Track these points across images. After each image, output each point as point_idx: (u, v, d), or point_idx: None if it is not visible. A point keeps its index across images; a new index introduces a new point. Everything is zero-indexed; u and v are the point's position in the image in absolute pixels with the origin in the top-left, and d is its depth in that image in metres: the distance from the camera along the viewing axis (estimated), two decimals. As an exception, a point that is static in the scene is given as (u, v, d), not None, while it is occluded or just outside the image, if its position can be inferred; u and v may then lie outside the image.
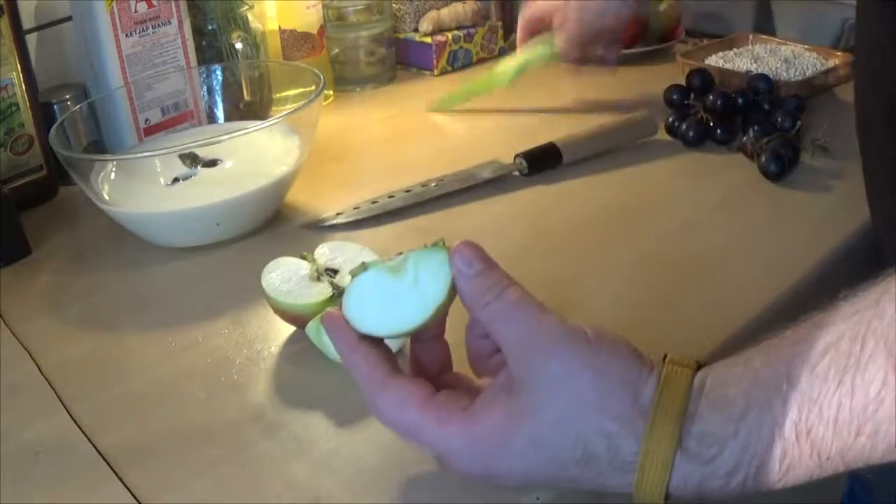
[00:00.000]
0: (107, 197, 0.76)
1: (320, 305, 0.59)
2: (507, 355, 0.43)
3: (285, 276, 0.62)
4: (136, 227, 0.76)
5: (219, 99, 0.92)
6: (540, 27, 0.96)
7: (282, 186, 0.77)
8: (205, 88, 0.91)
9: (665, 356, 0.42)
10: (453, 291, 0.45)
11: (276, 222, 0.79)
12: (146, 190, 0.77)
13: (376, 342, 0.46)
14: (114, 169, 0.78)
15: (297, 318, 0.61)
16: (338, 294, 0.60)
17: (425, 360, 0.49)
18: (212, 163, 0.78)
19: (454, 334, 0.50)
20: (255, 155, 0.78)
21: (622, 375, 0.41)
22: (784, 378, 0.39)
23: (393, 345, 0.52)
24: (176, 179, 0.77)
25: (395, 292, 0.46)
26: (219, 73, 0.92)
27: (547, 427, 0.41)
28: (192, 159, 0.78)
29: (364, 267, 0.47)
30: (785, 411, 0.38)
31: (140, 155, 0.82)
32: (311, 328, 0.58)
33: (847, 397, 0.37)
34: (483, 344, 0.48)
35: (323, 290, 0.60)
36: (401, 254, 0.47)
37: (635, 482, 0.40)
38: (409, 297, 0.45)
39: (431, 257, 0.46)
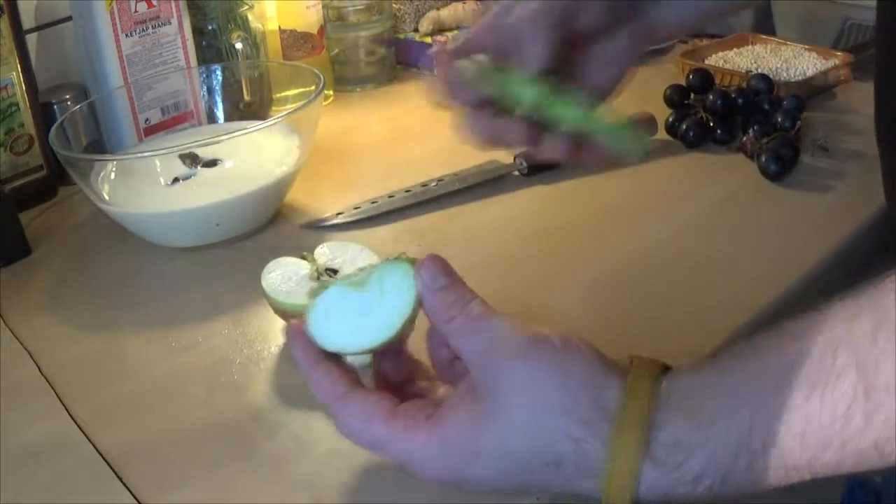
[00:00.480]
0: (107, 197, 0.76)
1: None
2: (470, 363, 0.43)
3: (285, 276, 0.62)
4: (136, 227, 0.76)
5: (219, 99, 0.92)
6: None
7: (282, 186, 0.77)
8: (205, 88, 0.91)
9: (632, 359, 0.42)
10: (419, 304, 0.45)
11: (276, 222, 0.79)
12: (146, 190, 0.77)
13: (338, 358, 0.47)
14: (114, 169, 0.78)
15: (298, 319, 0.61)
16: None
17: (389, 373, 0.49)
18: (212, 163, 0.78)
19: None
20: (255, 155, 0.78)
21: (587, 378, 0.41)
22: (753, 388, 0.38)
23: (359, 360, 0.51)
24: (176, 179, 0.77)
25: (360, 308, 0.46)
26: (219, 73, 0.92)
27: (515, 431, 0.41)
28: (192, 159, 0.78)
29: (325, 285, 0.46)
30: (752, 421, 0.38)
31: (140, 155, 0.82)
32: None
33: (816, 411, 0.37)
34: (445, 352, 0.47)
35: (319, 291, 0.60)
36: (363, 269, 0.47)
37: (603, 488, 0.40)
38: (375, 311, 0.45)
39: (396, 271, 0.46)
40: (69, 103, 0.87)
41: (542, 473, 0.41)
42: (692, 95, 0.92)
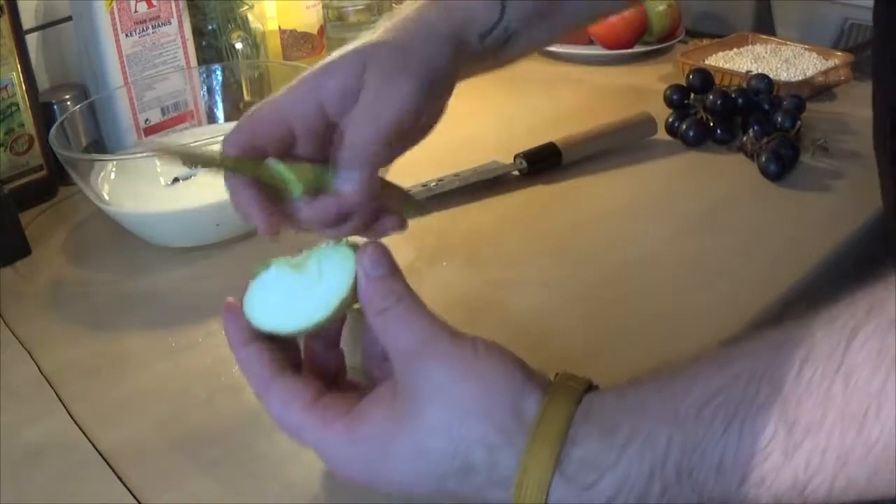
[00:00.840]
0: (107, 197, 0.76)
1: None
2: (395, 361, 0.42)
3: None
4: (136, 227, 0.76)
5: (219, 99, 0.92)
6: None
7: None
8: (205, 88, 0.91)
9: (556, 374, 0.42)
10: (356, 290, 0.44)
11: (276, 222, 0.79)
12: (146, 190, 0.77)
13: (272, 340, 0.46)
14: (114, 169, 0.78)
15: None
16: None
17: (321, 361, 0.48)
18: None
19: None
20: None
21: (506, 387, 0.40)
22: (671, 416, 0.37)
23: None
24: (176, 179, 0.77)
25: (297, 288, 0.45)
26: (219, 73, 0.92)
27: (428, 433, 0.40)
28: None
29: (266, 265, 0.46)
30: (667, 449, 0.37)
31: (140, 155, 0.82)
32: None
33: (733, 445, 0.36)
34: (379, 349, 0.46)
35: None
36: (303, 251, 0.46)
37: (513, 500, 0.39)
38: (312, 292, 0.45)
39: (336, 253, 0.45)
40: (69, 103, 0.87)
41: (454, 479, 0.40)
42: (692, 95, 0.92)
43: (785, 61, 1.00)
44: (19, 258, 0.76)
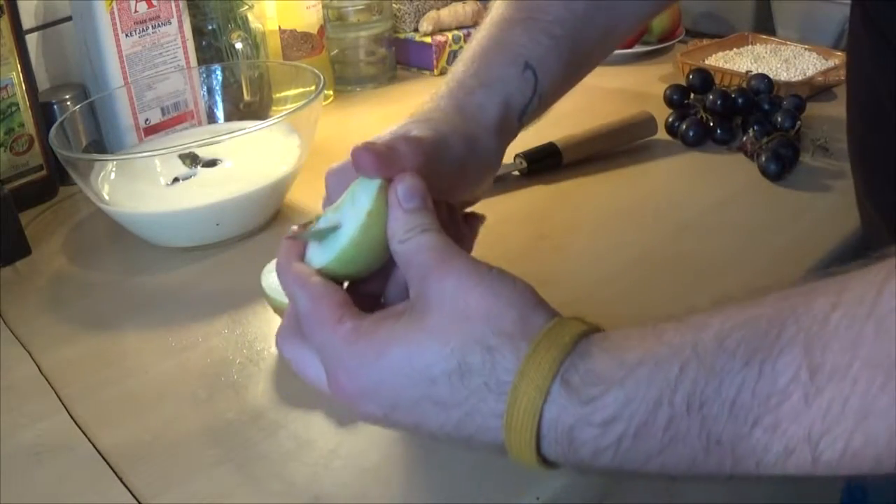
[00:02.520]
0: (107, 197, 0.76)
1: None
2: (411, 283, 0.42)
3: None
4: (136, 227, 0.76)
5: (219, 99, 0.92)
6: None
7: (282, 186, 0.77)
8: (205, 88, 0.91)
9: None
10: (383, 212, 0.44)
11: (276, 222, 0.79)
12: (146, 190, 0.77)
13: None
14: (114, 169, 0.78)
15: None
16: None
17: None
18: (212, 163, 0.78)
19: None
20: (255, 155, 0.78)
21: (515, 300, 0.39)
22: (690, 343, 0.36)
23: None
24: (176, 179, 0.77)
25: (335, 221, 0.46)
26: (219, 73, 0.92)
27: (425, 334, 0.39)
28: (192, 159, 0.78)
29: (313, 219, 0.47)
30: (681, 376, 0.35)
31: (140, 155, 0.82)
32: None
33: (751, 381, 0.34)
34: (402, 283, 0.46)
35: None
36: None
37: (506, 409, 0.37)
38: (347, 218, 0.45)
39: (368, 183, 0.45)
40: (69, 103, 0.87)
41: (446, 383, 0.38)
42: (692, 95, 0.92)
43: (785, 61, 1.00)
44: (19, 258, 0.76)
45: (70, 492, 0.51)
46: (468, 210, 0.56)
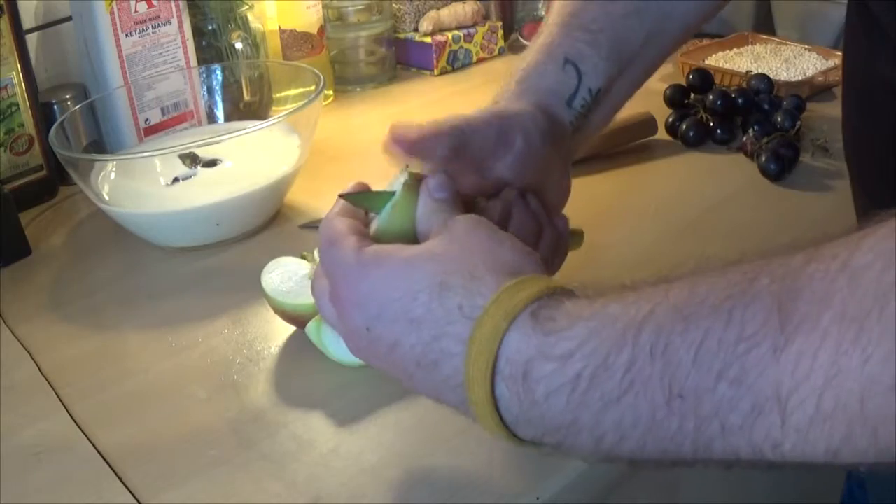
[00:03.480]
0: (107, 197, 0.76)
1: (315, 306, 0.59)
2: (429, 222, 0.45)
3: (285, 276, 0.62)
4: (136, 227, 0.76)
5: (219, 99, 0.92)
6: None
7: (282, 186, 0.77)
8: (205, 88, 0.91)
9: None
10: (408, 206, 0.47)
11: (276, 222, 0.79)
12: (146, 190, 0.77)
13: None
14: (114, 169, 0.78)
15: (297, 318, 0.61)
16: None
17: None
18: (212, 163, 0.78)
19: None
20: (255, 155, 0.78)
21: (518, 252, 0.42)
22: (662, 292, 0.35)
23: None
24: (176, 179, 0.77)
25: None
26: (219, 73, 0.92)
27: (425, 255, 0.42)
28: (192, 159, 0.78)
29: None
30: (649, 317, 0.34)
31: (140, 155, 0.82)
32: (311, 328, 0.58)
33: (719, 327, 0.33)
34: None
35: None
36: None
37: (471, 332, 0.38)
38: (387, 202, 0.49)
39: (401, 176, 0.49)
40: (69, 103, 0.87)
41: (424, 301, 0.40)
42: (692, 95, 0.92)
43: (785, 61, 1.00)
44: (19, 258, 0.76)
45: (70, 492, 0.51)
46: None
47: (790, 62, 0.99)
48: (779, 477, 0.86)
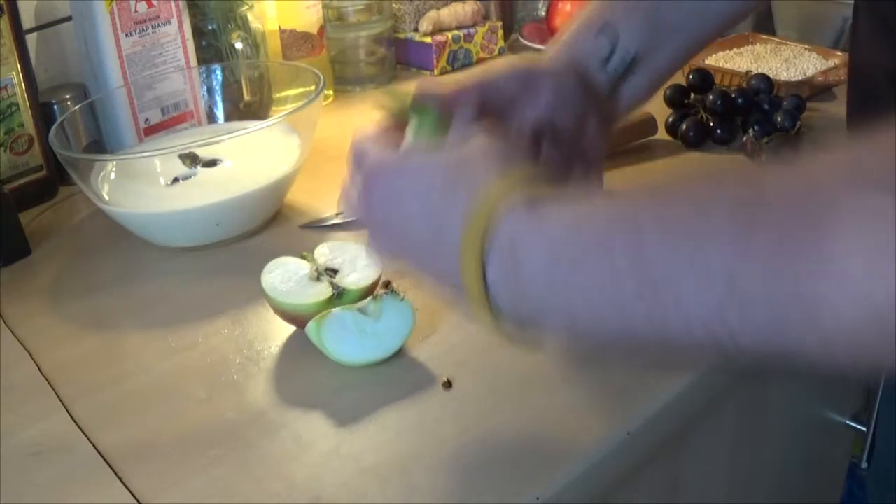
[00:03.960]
0: (107, 197, 0.76)
1: (320, 305, 0.59)
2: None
3: (285, 276, 0.62)
4: (136, 227, 0.76)
5: (219, 99, 0.92)
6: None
7: (282, 186, 0.77)
8: (205, 88, 0.91)
9: None
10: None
11: (276, 222, 0.79)
12: (146, 190, 0.77)
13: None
14: (114, 169, 0.78)
15: (297, 318, 0.61)
16: (337, 295, 0.60)
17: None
18: (212, 163, 0.78)
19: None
20: (254, 155, 0.78)
21: (533, 169, 0.45)
22: (643, 196, 0.40)
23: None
24: (176, 179, 0.77)
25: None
26: (219, 73, 0.92)
27: (445, 151, 0.46)
28: (191, 159, 0.78)
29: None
30: (629, 203, 0.39)
31: (140, 155, 0.82)
32: (311, 328, 0.58)
33: (690, 214, 0.36)
34: None
35: (323, 291, 0.60)
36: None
37: (471, 198, 0.42)
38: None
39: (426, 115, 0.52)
40: (69, 103, 0.87)
41: (437, 195, 0.44)
42: (692, 95, 0.92)
43: (785, 61, 1.00)
44: (19, 258, 0.76)
45: (70, 492, 0.51)
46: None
47: (790, 62, 0.99)
48: (779, 476, 0.86)
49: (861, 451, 0.91)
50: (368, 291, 0.61)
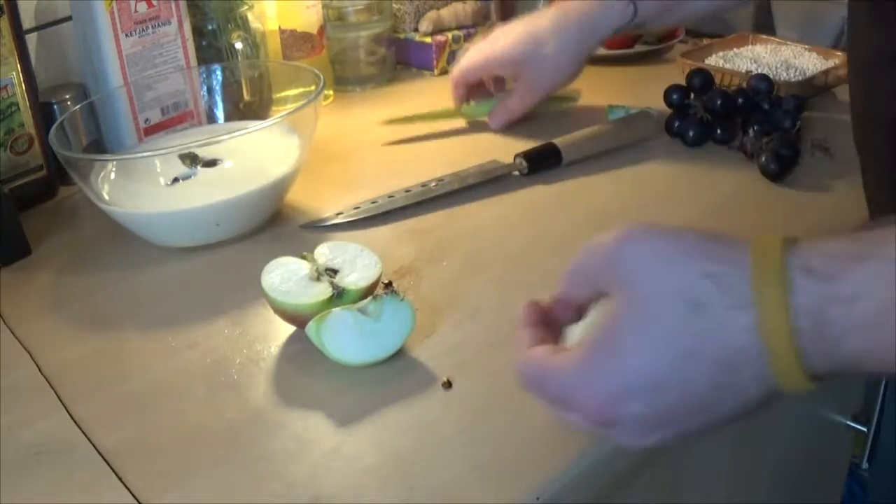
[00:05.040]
0: (107, 197, 0.76)
1: (320, 305, 0.59)
2: (600, 283, 0.43)
3: (285, 276, 0.62)
4: (137, 227, 0.76)
5: (219, 99, 0.92)
6: (475, 82, 0.95)
7: (282, 186, 0.77)
8: (205, 88, 0.91)
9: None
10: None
11: (276, 222, 0.79)
12: (146, 190, 0.77)
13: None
14: (114, 169, 0.78)
15: (298, 318, 0.61)
16: (337, 295, 0.60)
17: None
18: (211, 163, 0.78)
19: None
20: (254, 155, 0.78)
21: (697, 235, 0.41)
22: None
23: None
24: (176, 179, 0.77)
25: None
26: (219, 73, 0.92)
27: (645, 301, 0.40)
28: (191, 159, 0.78)
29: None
30: None
31: (140, 155, 0.82)
32: (311, 328, 0.58)
33: None
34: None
35: (323, 290, 0.60)
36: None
37: (756, 316, 0.37)
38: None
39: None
40: (69, 103, 0.87)
41: (688, 330, 0.39)
42: (692, 95, 0.92)
43: (785, 61, 1.00)
44: (19, 258, 0.76)
45: (70, 492, 0.51)
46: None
47: (790, 62, 0.99)
48: (779, 477, 0.86)
49: (861, 451, 0.91)
50: (368, 291, 0.61)
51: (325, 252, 0.64)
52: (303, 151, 0.78)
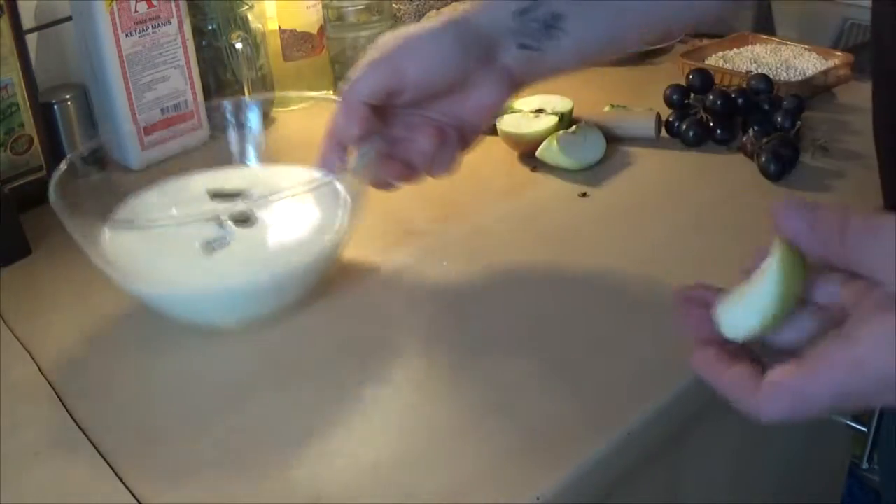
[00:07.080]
0: (123, 269, 0.63)
1: (549, 130, 0.84)
2: (878, 270, 0.40)
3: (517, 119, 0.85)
4: (163, 307, 0.63)
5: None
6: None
7: (335, 252, 0.66)
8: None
9: None
10: (791, 257, 0.44)
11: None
12: (174, 260, 0.63)
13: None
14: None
15: (529, 144, 0.83)
16: (560, 119, 0.85)
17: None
18: (243, 218, 0.64)
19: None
20: (293, 207, 0.66)
21: None
22: None
23: None
24: (208, 244, 0.63)
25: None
26: (219, 73, 0.91)
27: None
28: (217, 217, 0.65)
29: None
30: None
31: (162, 224, 0.66)
32: (543, 148, 0.82)
33: None
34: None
35: (550, 119, 0.84)
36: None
37: None
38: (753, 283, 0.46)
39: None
40: (69, 103, 0.87)
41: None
42: (692, 95, 0.92)
43: (785, 61, 1.00)
44: (19, 258, 0.76)
45: (70, 492, 0.51)
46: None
47: (790, 62, 1.00)
48: (779, 476, 0.86)
49: (861, 451, 0.91)
50: (569, 118, 0.86)
51: (528, 102, 0.87)
52: (353, 199, 0.66)
